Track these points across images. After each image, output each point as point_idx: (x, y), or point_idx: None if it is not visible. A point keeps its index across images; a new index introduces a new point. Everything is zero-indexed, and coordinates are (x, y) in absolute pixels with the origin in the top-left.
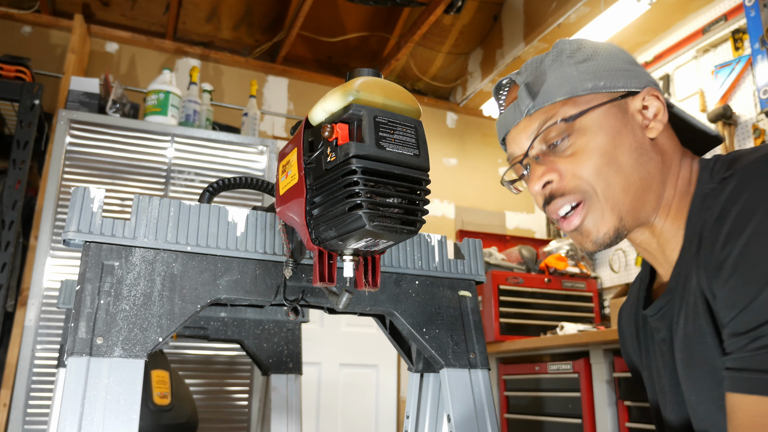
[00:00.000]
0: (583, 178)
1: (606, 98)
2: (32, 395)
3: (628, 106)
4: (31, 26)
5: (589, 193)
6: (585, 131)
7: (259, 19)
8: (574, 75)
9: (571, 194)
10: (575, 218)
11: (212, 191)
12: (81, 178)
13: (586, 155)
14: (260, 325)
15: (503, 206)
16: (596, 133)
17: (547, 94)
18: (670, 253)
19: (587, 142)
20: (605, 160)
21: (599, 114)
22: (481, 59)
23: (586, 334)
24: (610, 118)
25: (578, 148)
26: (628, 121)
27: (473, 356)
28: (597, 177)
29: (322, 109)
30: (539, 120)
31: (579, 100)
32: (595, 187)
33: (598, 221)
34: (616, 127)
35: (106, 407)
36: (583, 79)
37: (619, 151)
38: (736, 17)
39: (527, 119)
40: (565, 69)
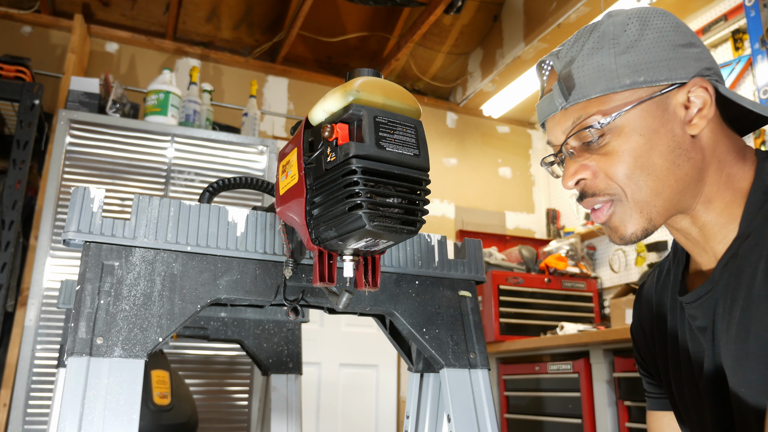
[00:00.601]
0: (614, 179)
1: (645, 94)
2: (32, 395)
3: (670, 101)
4: (31, 26)
5: (618, 195)
6: (620, 132)
7: (259, 19)
8: (612, 69)
9: (601, 195)
10: (602, 214)
11: (212, 191)
12: (81, 178)
13: (618, 157)
14: (260, 325)
15: (503, 206)
16: (630, 135)
17: (583, 89)
18: (715, 245)
19: (621, 144)
20: (638, 164)
21: (636, 113)
22: (481, 59)
23: (586, 334)
24: (647, 117)
25: (612, 149)
26: (669, 118)
27: (473, 356)
28: (628, 181)
29: (322, 109)
30: (574, 116)
31: (616, 97)
32: (626, 190)
33: (626, 221)
34: (652, 128)
35: (106, 407)
36: (622, 74)
37: (654, 153)
38: (736, 17)
39: (562, 113)
40: (604, 60)
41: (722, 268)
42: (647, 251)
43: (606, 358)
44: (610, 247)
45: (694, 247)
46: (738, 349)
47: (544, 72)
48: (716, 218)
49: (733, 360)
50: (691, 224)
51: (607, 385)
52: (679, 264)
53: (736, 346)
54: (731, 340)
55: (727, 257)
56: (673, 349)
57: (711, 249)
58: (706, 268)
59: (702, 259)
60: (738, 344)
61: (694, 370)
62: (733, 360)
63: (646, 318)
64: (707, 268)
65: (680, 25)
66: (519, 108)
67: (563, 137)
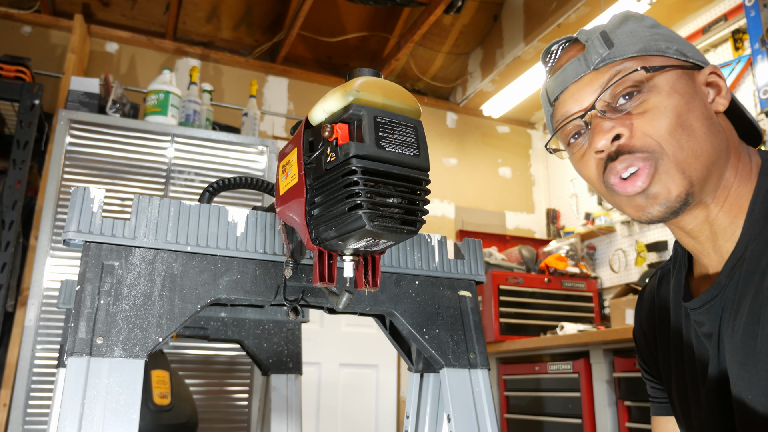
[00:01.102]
0: (653, 137)
1: (677, 63)
2: (32, 395)
3: (696, 78)
4: (31, 26)
5: (658, 153)
6: (659, 90)
7: (259, 19)
8: (646, 35)
9: (639, 152)
10: (641, 179)
11: (212, 191)
12: (81, 178)
13: (660, 113)
14: (260, 325)
15: (503, 206)
16: (670, 93)
17: (622, 47)
18: (723, 244)
19: (661, 100)
20: (679, 121)
21: (673, 75)
22: (481, 59)
23: (586, 334)
24: (683, 82)
25: (651, 105)
26: (698, 90)
27: (473, 356)
28: (670, 137)
29: (322, 109)
30: (610, 72)
31: (651, 60)
32: (666, 147)
33: (668, 183)
34: (689, 92)
35: (106, 407)
36: (656, 39)
37: (692, 115)
38: (736, 17)
39: (594, 73)
40: (635, 28)
41: (729, 273)
42: (647, 251)
43: (606, 358)
44: (610, 247)
45: (702, 248)
46: (745, 355)
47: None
48: (726, 214)
49: (739, 366)
50: (704, 222)
51: (607, 385)
52: (681, 268)
53: (742, 352)
54: (737, 346)
55: (734, 261)
56: (677, 356)
57: (718, 248)
58: (713, 272)
59: (708, 261)
60: (745, 350)
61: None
62: (739, 366)
63: (647, 323)
64: (713, 271)
65: None
66: (519, 108)
67: (594, 96)
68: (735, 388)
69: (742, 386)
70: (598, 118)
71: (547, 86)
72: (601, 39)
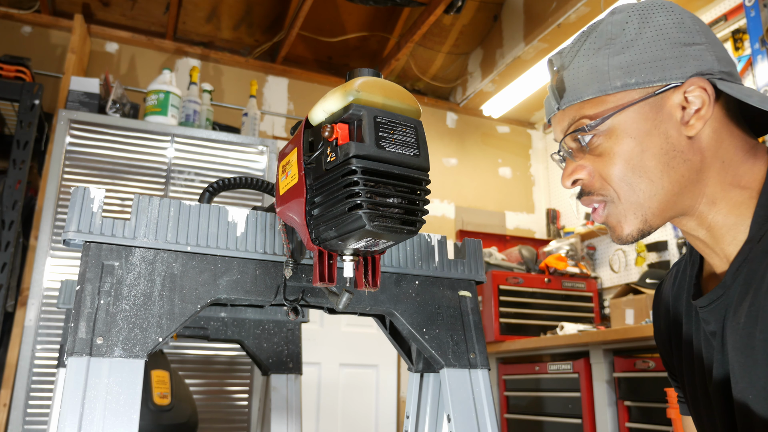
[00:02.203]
0: (608, 180)
1: (638, 96)
2: (32, 395)
3: (666, 102)
4: (31, 26)
5: (612, 197)
6: (611, 134)
7: (259, 19)
8: (605, 71)
9: (597, 194)
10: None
11: (212, 191)
12: (81, 178)
13: (610, 159)
14: (260, 325)
15: (503, 206)
16: (621, 138)
17: (576, 91)
18: (726, 247)
19: (612, 146)
20: (629, 166)
21: (628, 116)
22: (481, 59)
23: (586, 334)
24: (639, 120)
25: (603, 150)
26: (663, 119)
27: (473, 356)
28: (621, 182)
29: (322, 109)
30: (569, 117)
31: (608, 99)
32: (619, 192)
33: (621, 222)
34: (644, 129)
35: (106, 407)
36: (613, 76)
37: (646, 155)
38: (736, 17)
39: (560, 113)
40: (598, 60)
41: (734, 273)
42: (647, 251)
43: (606, 358)
44: (610, 247)
45: (704, 248)
46: (744, 356)
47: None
48: (724, 219)
49: (740, 367)
50: (698, 225)
51: (607, 385)
52: (694, 265)
53: (741, 352)
54: (736, 346)
55: (739, 261)
56: (687, 354)
57: (722, 251)
58: (719, 271)
59: (714, 261)
60: (744, 351)
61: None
62: (739, 366)
63: (664, 320)
64: (720, 270)
65: (684, 22)
66: (519, 108)
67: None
68: (736, 388)
69: (742, 387)
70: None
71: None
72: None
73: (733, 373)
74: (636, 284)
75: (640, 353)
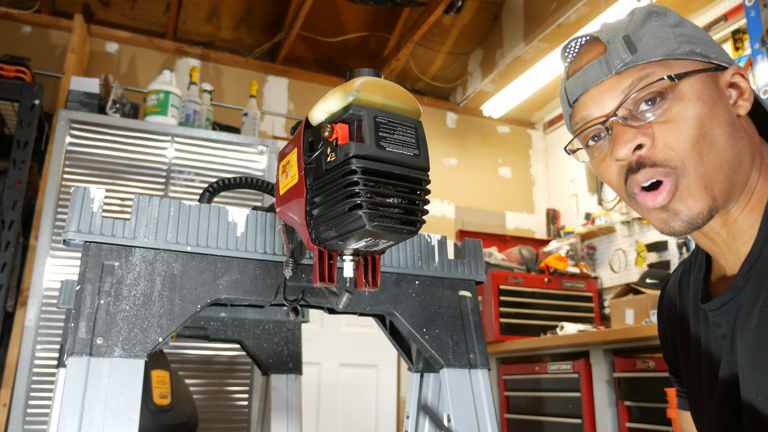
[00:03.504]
0: (676, 149)
1: (701, 66)
2: (32, 395)
3: (719, 80)
4: (31, 26)
5: (680, 169)
6: (683, 97)
7: (259, 19)
8: (670, 37)
9: (661, 166)
10: (662, 195)
11: (212, 191)
12: (81, 178)
13: (683, 123)
14: (260, 325)
15: (503, 206)
16: (694, 102)
17: (645, 50)
18: (741, 246)
19: (684, 109)
20: (702, 132)
21: (697, 81)
22: (481, 59)
23: (586, 334)
24: (707, 87)
25: (674, 114)
26: (721, 93)
27: (473, 356)
28: (692, 150)
29: (322, 109)
30: (632, 78)
31: (673, 64)
32: (688, 161)
33: (689, 200)
34: (713, 98)
35: (106, 407)
36: (681, 41)
37: (715, 123)
38: (736, 17)
39: (616, 77)
40: (659, 29)
41: (745, 275)
42: (647, 251)
43: (606, 358)
44: (610, 247)
45: (718, 250)
46: (755, 357)
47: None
48: (746, 216)
49: (750, 368)
50: (722, 225)
51: (607, 385)
52: (701, 269)
53: (753, 354)
54: (747, 347)
55: (750, 263)
56: (695, 355)
57: (736, 251)
58: (730, 273)
59: (726, 263)
60: (755, 352)
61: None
62: (749, 368)
63: (669, 320)
64: (731, 272)
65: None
66: (519, 108)
67: (616, 102)
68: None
69: (752, 388)
70: (620, 125)
71: (566, 86)
72: (624, 43)
73: (742, 374)
74: (636, 284)
75: (640, 353)
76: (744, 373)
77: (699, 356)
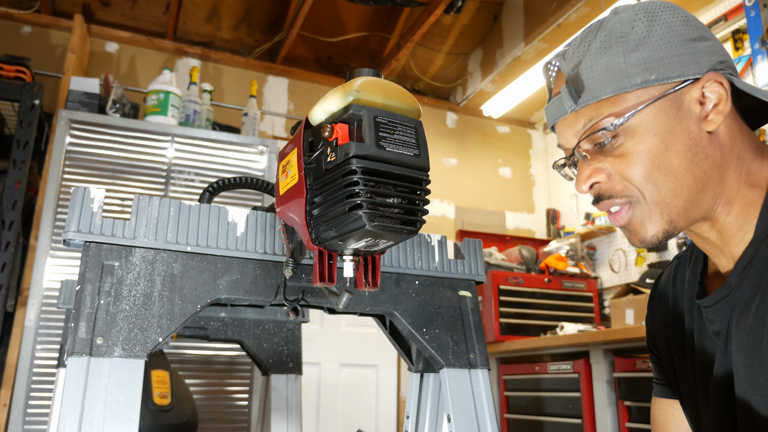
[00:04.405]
0: (630, 181)
1: (658, 92)
2: (32, 395)
3: (684, 98)
4: (31, 26)
5: (636, 197)
6: (634, 132)
7: (259, 19)
8: (622, 68)
9: (618, 197)
10: (622, 216)
11: (212, 191)
12: (81, 178)
13: (633, 159)
14: (260, 325)
15: (503, 206)
16: (644, 136)
17: (593, 90)
18: (733, 247)
19: (635, 144)
20: (654, 164)
21: (650, 112)
22: (481, 59)
23: (586, 334)
24: (661, 116)
25: (626, 150)
26: (683, 116)
27: (473, 356)
28: (645, 182)
29: (322, 109)
30: (585, 118)
31: (627, 98)
32: (644, 192)
33: (645, 223)
34: (667, 126)
35: (106, 407)
36: (633, 73)
37: (670, 153)
38: (736, 17)
39: (573, 116)
40: (612, 59)
41: (739, 274)
42: (647, 251)
43: (606, 358)
44: (610, 247)
45: (711, 249)
46: (750, 357)
47: (550, 74)
48: (735, 220)
49: (745, 367)
50: (710, 228)
51: (607, 385)
52: (697, 263)
53: (748, 353)
54: (742, 346)
55: (744, 263)
56: (689, 351)
57: (729, 251)
58: (724, 271)
59: (719, 261)
60: (750, 351)
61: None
62: (744, 367)
63: (661, 312)
64: (725, 270)
65: (690, 19)
66: (519, 108)
67: (575, 140)
68: (739, 388)
69: (746, 387)
70: (580, 161)
71: (544, 111)
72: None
73: (737, 372)
74: (636, 284)
75: (641, 353)
76: (738, 371)
77: (693, 351)
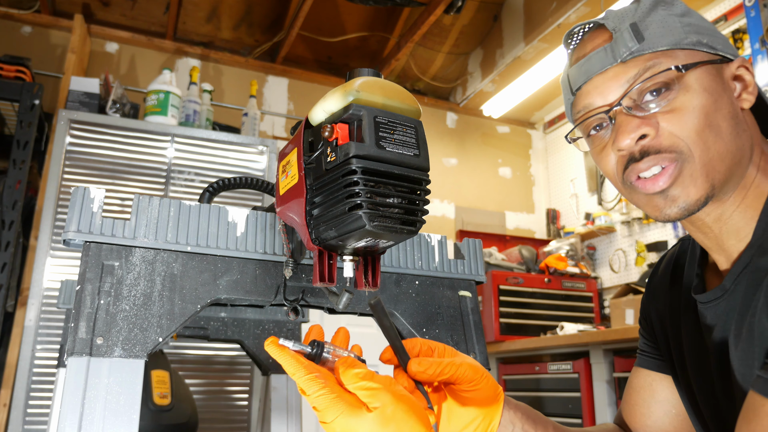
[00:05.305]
0: (681, 137)
1: (707, 57)
2: (32, 395)
3: (725, 71)
4: (31, 26)
5: (685, 155)
6: (689, 88)
7: (259, 19)
8: (677, 26)
9: (666, 152)
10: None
11: (212, 191)
12: (81, 178)
13: (688, 113)
14: (260, 325)
15: (503, 206)
16: (699, 93)
17: (652, 39)
18: (732, 244)
19: (690, 99)
20: (707, 122)
21: (703, 72)
22: (481, 59)
23: (586, 334)
24: (711, 79)
25: (679, 104)
26: (726, 86)
27: (473, 356)
28: (698, 138)
29: (322, 109)
30: (638, 67)
31: (681, 54)
32: (694, 149)
33: (690, 186)
34: (717, 90)
35: (106, 407)
36: (688, 31)
37: (719, 115)
38: (736, 17)
39: (621, 66)
40: (667, 18)
41: (735, 279)
42: (647, 251)
43: (606, 358)
44: (610, 247)
45: (710, 244)
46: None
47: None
48: (741, 214)
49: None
50: (715, 220)
51: (607, 385)
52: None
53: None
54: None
55: (740, 267)
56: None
57: (726, 249)
58: (722, 268)
59: (717, 257)
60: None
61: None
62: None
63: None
64: (722, 268)
65: None
66: (519, 108)
67: (620, 91)
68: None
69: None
70: (624, 115)
71: (569, 73)
72: (631, 32)
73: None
74: (636, 284)
75: None
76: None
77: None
